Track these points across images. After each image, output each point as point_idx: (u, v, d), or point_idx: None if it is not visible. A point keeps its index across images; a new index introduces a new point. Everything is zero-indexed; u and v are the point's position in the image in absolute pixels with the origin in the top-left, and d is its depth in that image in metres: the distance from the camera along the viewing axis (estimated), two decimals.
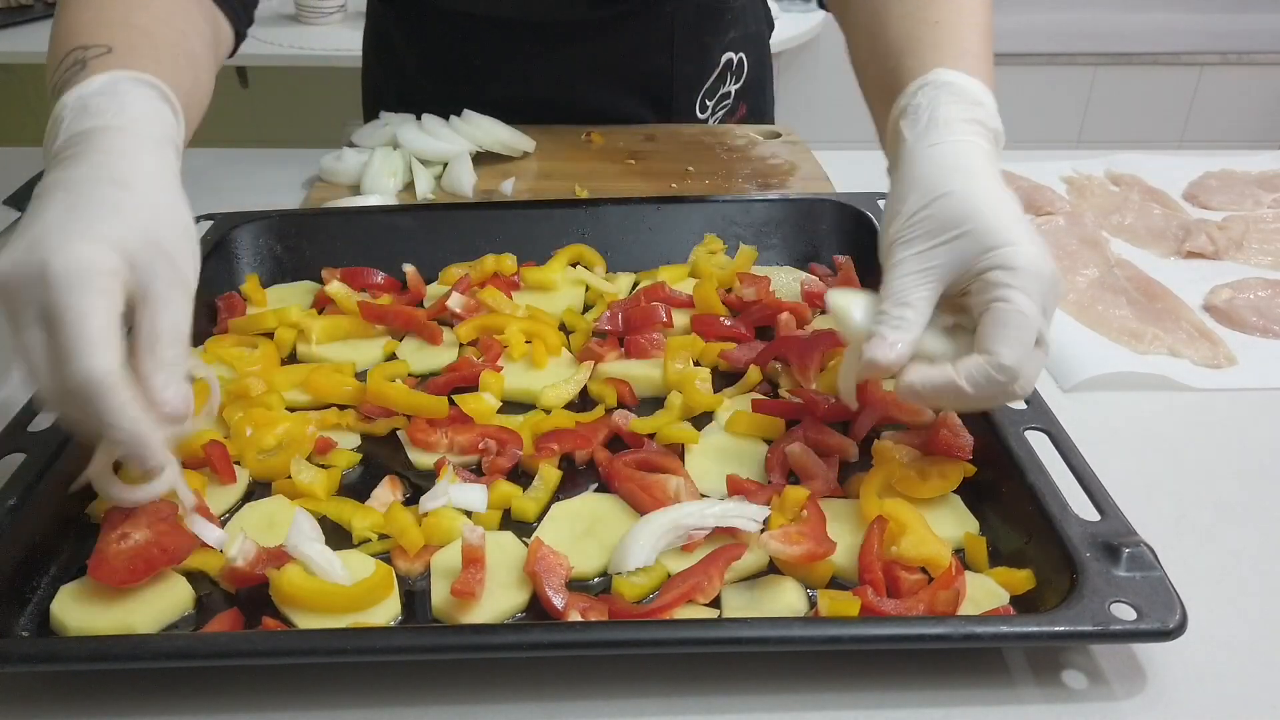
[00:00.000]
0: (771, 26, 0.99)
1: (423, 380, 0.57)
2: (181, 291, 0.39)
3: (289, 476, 0.47)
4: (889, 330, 0.42)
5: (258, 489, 0.48)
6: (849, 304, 0.45)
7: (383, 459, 0.51)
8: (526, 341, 0.58)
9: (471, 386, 0.55)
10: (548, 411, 0.53)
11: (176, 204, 0.40)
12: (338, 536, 0.45)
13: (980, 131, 0.47)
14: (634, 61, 0.86)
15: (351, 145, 0.85)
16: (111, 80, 0.42)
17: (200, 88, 0.51)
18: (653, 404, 0.54)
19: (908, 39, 0.51)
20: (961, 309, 0.43)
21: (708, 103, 0.89)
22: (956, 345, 0.43)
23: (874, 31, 0.53)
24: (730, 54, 0.86)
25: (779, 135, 0.89)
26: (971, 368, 0.41)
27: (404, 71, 0.89)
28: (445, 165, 0.81)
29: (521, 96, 0.86)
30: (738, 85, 0.91)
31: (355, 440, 0.52)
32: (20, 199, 0.80)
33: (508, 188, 0.80)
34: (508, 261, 0.65)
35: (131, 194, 0.38)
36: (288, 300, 0.63)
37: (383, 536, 0.45)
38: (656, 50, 0.85)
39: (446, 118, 0.83)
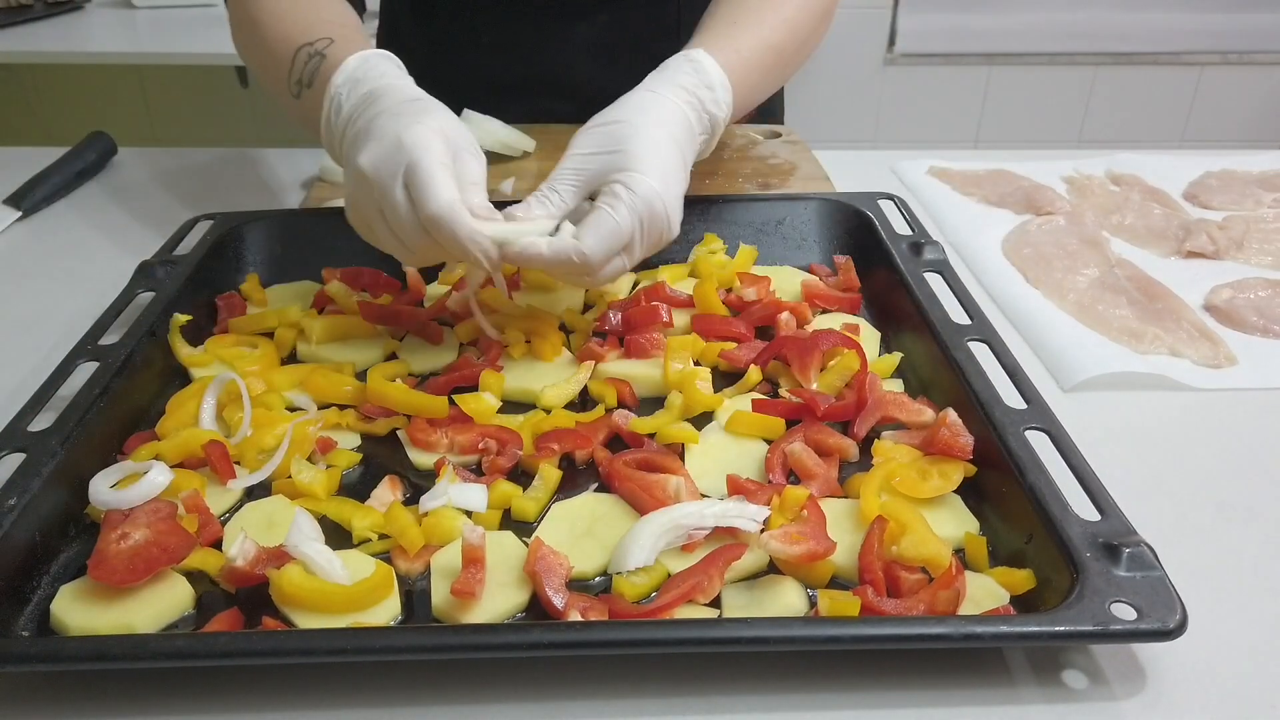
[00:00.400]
0: None
1: (423, 380, 0.57)
2: (479, 160, 0.53)
3: (289, 476, 0.47)
4: (536, 204, 0.53)
5: (258, 489, 0.48)
6: None
7: (383, 459, 0.51)
8: (526, 341, 0.58)
9: (471, 386, 0.55)
10: (548, 411, 0.53)
11: (454, 118, 0.54)
12: (338, 536, 0.45)
13: (687, 99, 0.57)
14: (639, 44, 0.86)
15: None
16: (362, 57, 0.56)
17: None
18: (653, 404, 0.54)
19: (709, 21, 0.64)
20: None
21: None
22: None
23: (707, 8, 0.67)
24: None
25: (779, 135, 0.89)
26: (559, 242, 0.50)
27: (412, 53, 0.90)
28: None
29: (526, 76, 0.87)
30: None
31: (355, 440, 0.52)
32: (20, 199, 0.80)
33: (507, 188, 0.80)
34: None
35: (429, 103, 0.53)
36: (288, 300, 0.63)
37: (383, 536, 0.45)
38: (662, 34, 0.85)
39: (454, 104, 0.84)
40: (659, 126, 0.54)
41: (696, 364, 0.56)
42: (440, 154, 0.49)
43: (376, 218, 0.51)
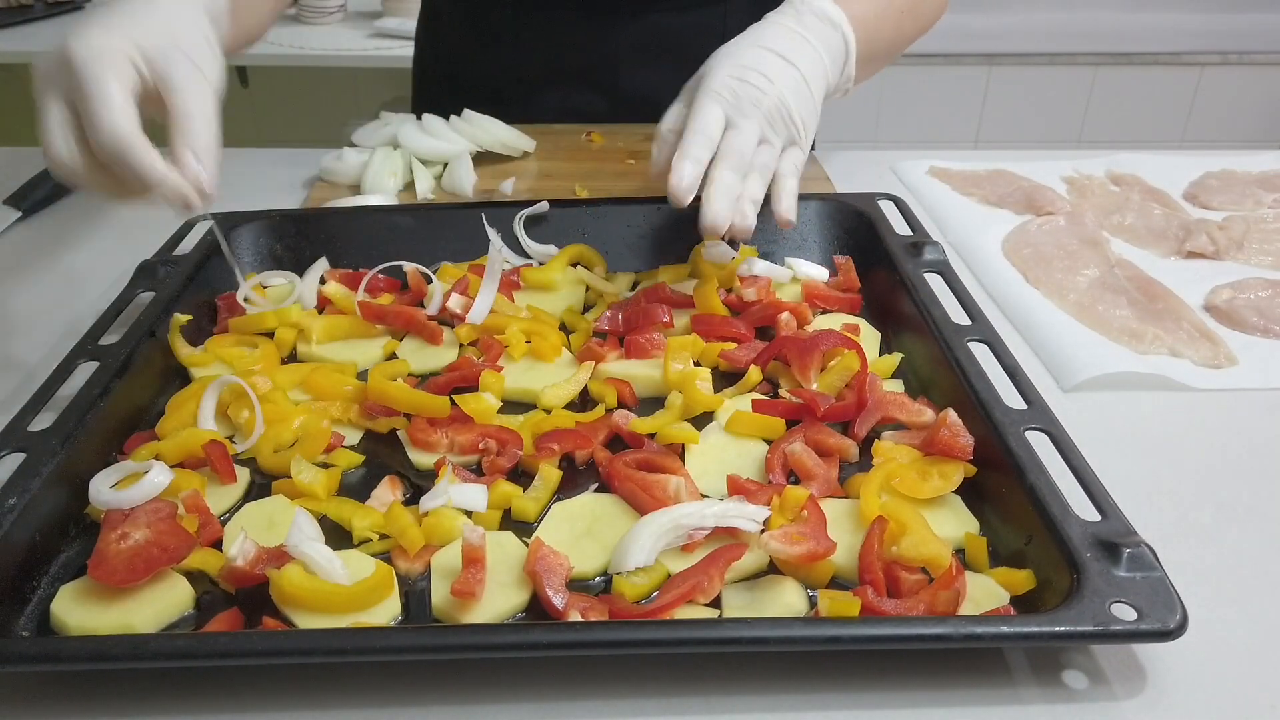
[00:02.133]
0: None
1: (423, 380, 0.57)
2: (204, 85, 0.45)
3: (289, 476, 0.47)
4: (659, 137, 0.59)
5: (257, 489, 0.48)
6: None
7: (383, 459, 0.51)
8: (526, 341, 0.58)
9: (472, 386, 0.55)
10: (548, 411, 0.53)
11: (198, 21, 0.46)
12: (338, 536, 0.45)
13: (787, 14, 0.61)
14: (683, 45, 0.84)
15: (351, 145, 0.85)
16: None
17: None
18: (653, 404, 0.54)
19: None
20: None
21: None
22: None
23: None
24: None
25: None
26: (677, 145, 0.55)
27: (451, 41, 0.89)
28: (445, 165, 0.81)
29: (563, 70, 0.86)
30: None
31: (355, 439, 0.52)
32: (20, 199, 0.80)
33: (508, 188, 0.80)
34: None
35: (153, 6, 0.45)
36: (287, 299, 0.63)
37: (383, 536, 0.45)
38: (707, 36, 0.85)
39: (488, 91, 0.84)
40: (750, 35, 0.59)
41: (696, 364, 0.56)
42: (119, 72, 0.42)
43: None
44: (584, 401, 0.55)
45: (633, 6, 0.84)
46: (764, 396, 0.54)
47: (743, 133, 0.56)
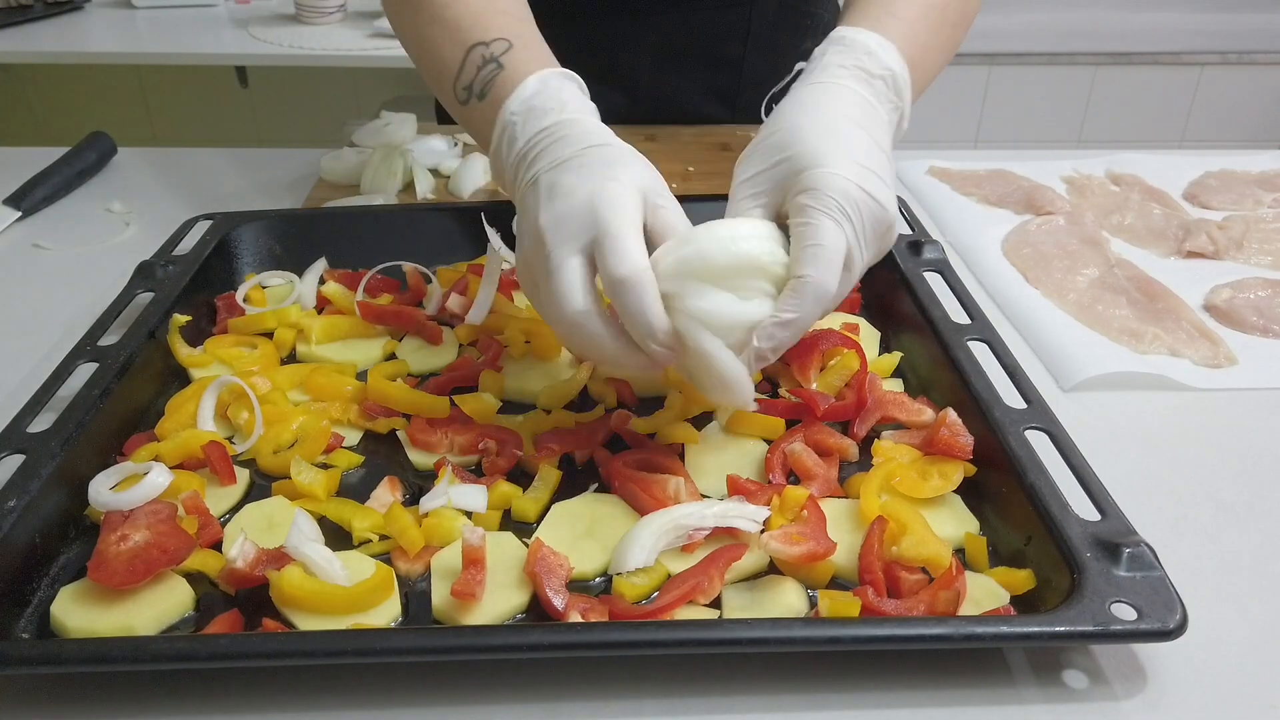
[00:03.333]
0: None
1: (422, 380, 0.57)
2: (684, 222, 0.45)
3: (289, 477, 0.47)
4: None
5: (257, 490, 0.48)
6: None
7: (382, 459, 0.51)
8: (526, 341, 0.58)
9: (471, 386, 0.55)
10: (548, 411, 0.53)
11: (648, 163, 0.47)
12: (337, 538, 0.45)
13: (855, 75, 0.48)
14: (705, 48, 0.84)
15: (352, 145, 0.85)
16: (541, 80, 0.49)
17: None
18: (653, 404, 0.54)
19: (851, 4, 0.54)
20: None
21: (774, 106, 0.89)
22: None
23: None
24: (803, 64, 0.86)
25: None
26: (785, 300, 0.42)
27: None
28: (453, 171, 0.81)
29: (584, 69, 0.86)
30: None
31: (355, 439, 0.52)
32: (20, 199, 0.80)
33: None
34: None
35: (622, 151, 0.46)
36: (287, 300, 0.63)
37: (383, 537, 0.45)
38: (730, 39, 0.83)
39: None
40: (826, 109, 0.46)
41: None
42: (635, 216, 0.42)
43: (546, 280, 0.43)
44: (584, 401, 0.55)
45: (657, 5, 0.82)
46: (764, 396, 0.54)
47: (854, 275, 0.44)
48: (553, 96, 0.48)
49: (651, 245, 0.44)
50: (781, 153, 0.44)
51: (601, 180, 0.43)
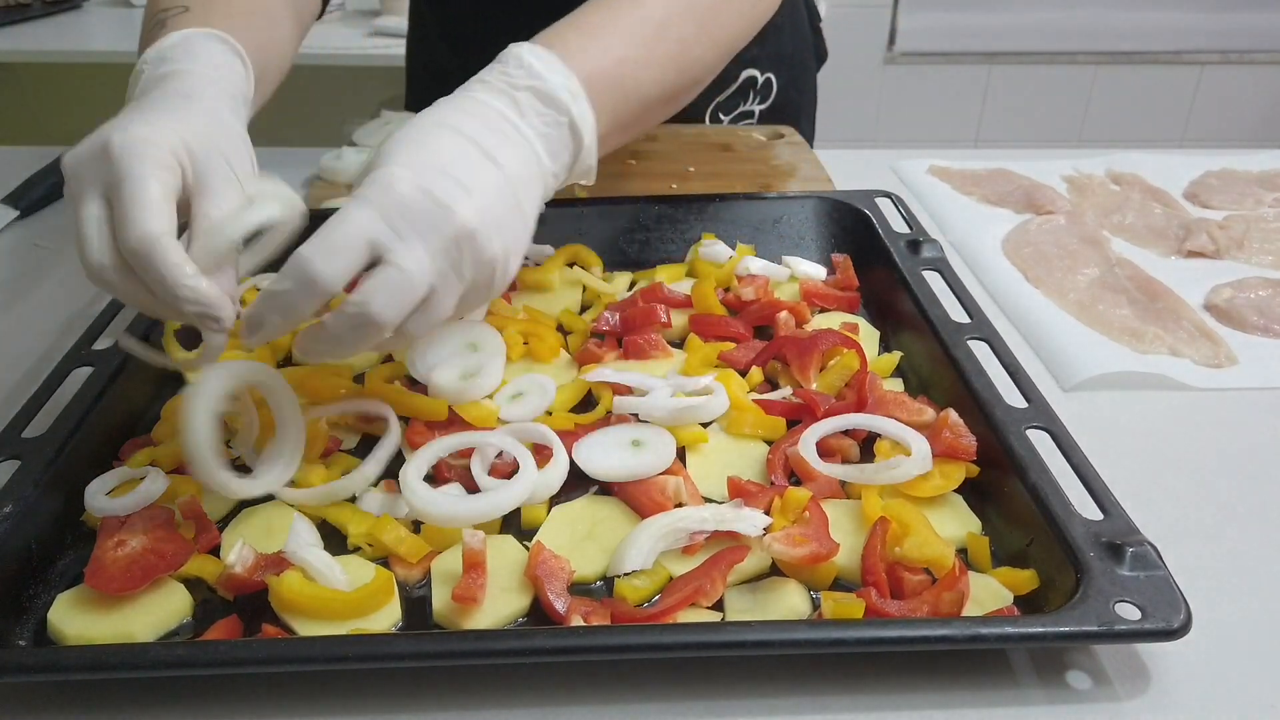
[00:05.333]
0: (821, 57, 0.95)
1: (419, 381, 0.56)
2: (236, 192, 0.41)
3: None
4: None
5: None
6: None
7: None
8: (525, 343, 0.58)
9: None
10: (549, 413, 0.53)
11: (236, 122, 0.43)
12: (336, 542, 0.45)
13: (492, 88, 0.44)
14: None
15: (351, 144, 0.84)
16: (185, 36, 0.46)
17: (276, 45, 0.53)
18: None
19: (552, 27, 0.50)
20: None
21: (722, 117, 0.85)
22: None
23: None
24: (753, 71, 0.80)
25: (782, 136, 0.89)
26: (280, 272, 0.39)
27: (439, 51, 0.87)
28: None
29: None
30: (763, 106, 0.88)
31: (353, 443, 0.52)
32: (18, 198, 0.80)
33: None
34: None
35: (193, 102, 0.42)
36: None
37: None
38: None
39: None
40: (423, 122, 0.42)
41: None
42: (160, 170, 0.38)
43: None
44: (584, 402, 0.55)
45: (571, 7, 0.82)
46: (764, 397, 0.54)
47: (398, 277, 0.39)
48: (188, 51, 0.45)
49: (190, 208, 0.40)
50: (366, 165, 0.42)
51: (136, 123, 0.39)
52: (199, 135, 0.40)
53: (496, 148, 0.42)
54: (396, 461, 0.50)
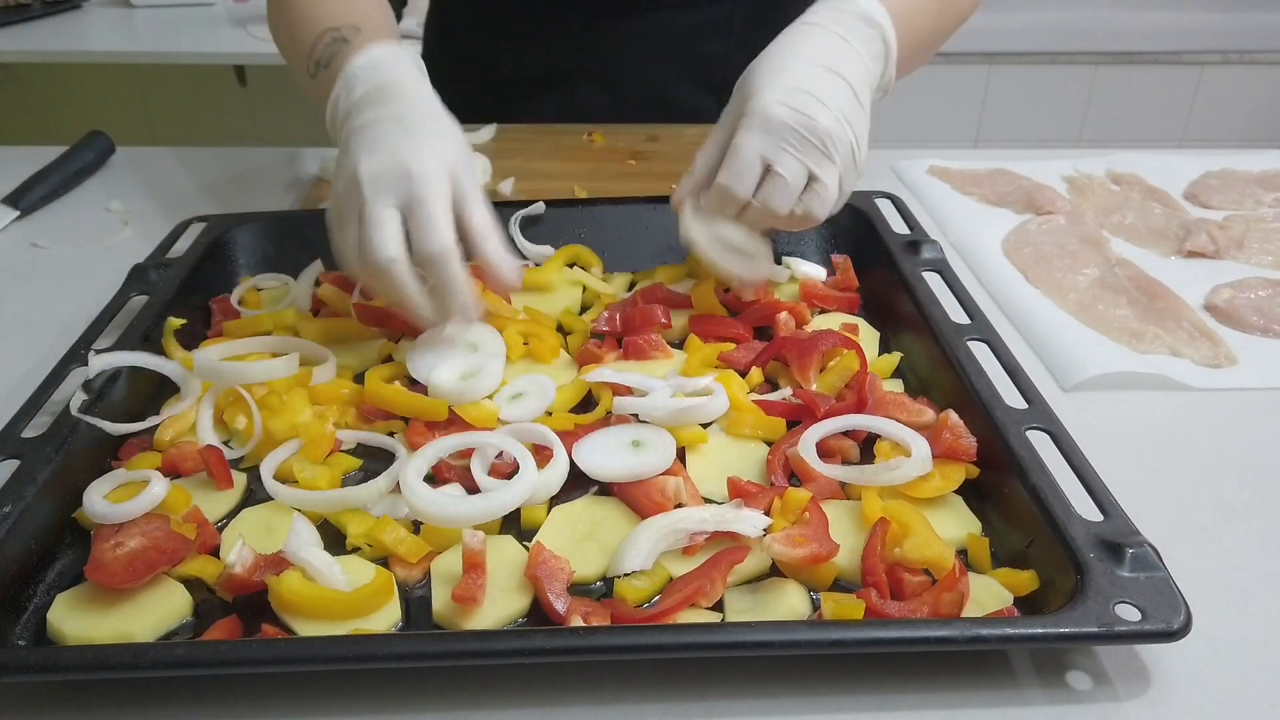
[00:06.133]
0: None
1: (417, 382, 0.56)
2: (483, 196, 0.52)
3: (295, 481, 0.47)
4: (686, 176, 0.56)
5: (254, 495, 0.48)
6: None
7: (381, 462, 0.50)
8: (525, 343, 0.58)
9: None
10: (549, 413, 0.53)
11: (462, 136, 0.54)
12: (336, 543, 0.45)
13: (832, 16, 0.55)
14: (690, 44, 0.85)
15: None
16: (387, 49, 0.55)
17: None
18: None
19: None
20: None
21: None
22: None
23: None
24: None
25: None
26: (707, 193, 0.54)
27: (457, 36, 0.89)
28: None
29: (570, 68, 0.85)
30: None
31: (353, 443, 0.52)
32: (18, 198, 0.80)
33: (506, 188, 0.80)
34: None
35: (443, 125, 0.52)
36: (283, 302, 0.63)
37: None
38: (712, 36, 0.84)
39: (496, 93, 0.83)
40: (782, 49, 0.53)
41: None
42: (446, 193, 0.49)
43: (355, 225, 0.50)
44: (584, 402, 0.55)
45: (639, 4, 0.83)
46: (764, 397, 0.54)
47: (784, 180, 0.52)
48: (394, 63, 0.54)
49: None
50: (738, 92, 0.54)
51: (421, 149, 0.49)
52: (457, 156, 0.51)
53: (838, 64, 0.54)
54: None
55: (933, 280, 0.60)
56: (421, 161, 0.49)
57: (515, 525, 0.46)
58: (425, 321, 0.52)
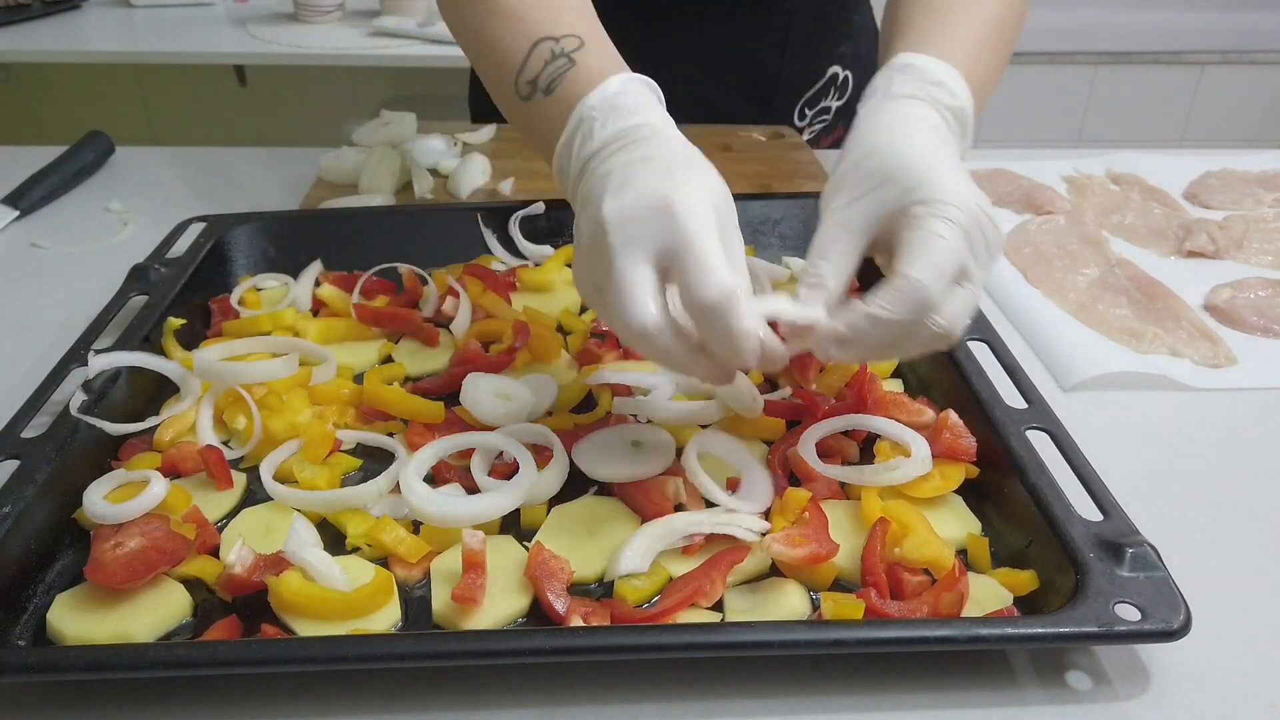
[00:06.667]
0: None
1: (418, 380, 0.56)
2: (738, 230, 0.43)
3: (295, 481, 0.47)
4: (804, 288, 0.42)
5: (253, 495, 0.48)
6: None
7: (381, 463, 0.50)
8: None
9: None
10: (549, 412, 0.53)
11: (720, 179, 0.44)
12: (336, 543, 0.45)
13: (929, 104, 0.46)
14: (742, 53, 0.84)
15: (351, 145, 0.84)
16: (624, 81, 0.46)
17: None
18: None
19: (905, 24, 0.52)
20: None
21: (807, 111, 0.87)
22: None
23: (890, 16, 0.55)
24: (838, 68, 0.83)
25: (782, 136, 0.89)
26: (880, 294, 0.40)
27: None
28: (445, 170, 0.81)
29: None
30: (840, 103, 0.89)
31: (353, 443, 0.52)
32: (18, 198, 0.80)
33: (507, 188, 0.80)
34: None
35: (695, 160, 0.43)
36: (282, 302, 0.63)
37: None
38: (767, 46, 0.83)
39: None
40: (917, 134, 0.44)
41: None
42: (714, 230, 0.40)
43: (607, 285, 0.40)
44: (584, 402, 0.55)
45: (695, 11, 0.82)
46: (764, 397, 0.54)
47: (972, 297, 0.41)
48: (635, 98, 0.45)
49: None
50: (880, 177, 0.42)
51: (681, 183, 0.40)
52: (719, 194, 0.42)
53: (955, 152, 0.46)
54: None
55: None
56: (686, 197, 0.40)
57: (515, 525, 0.46)
58: (713, 378, 0.42)
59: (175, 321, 0.58)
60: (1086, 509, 0.42)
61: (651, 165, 0.42)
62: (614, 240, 0.40)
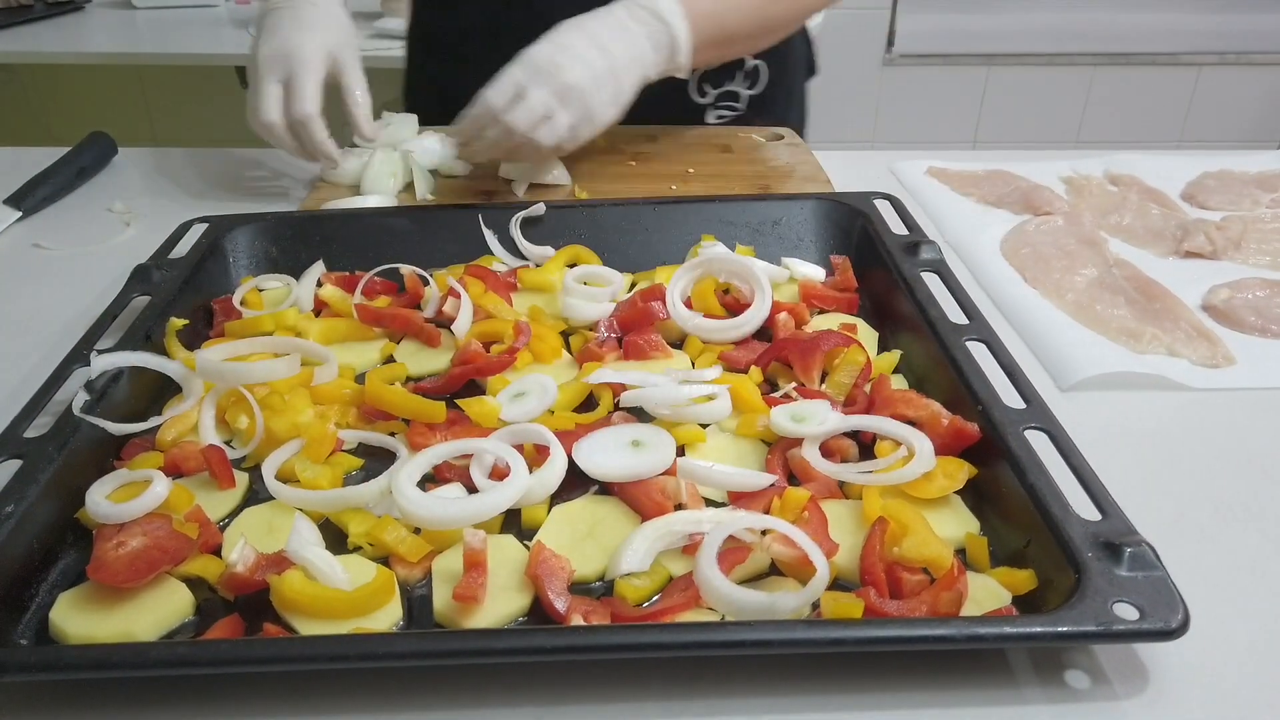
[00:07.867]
0: (812, 69, 0.99)
1: (419, 380, 0.56)
2: (360, 69, 0.74)
3: (297, 481, 0.47)
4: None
5: (256, 494, 0.48)
6: None
7: (382, 462, 0.51)
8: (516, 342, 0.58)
9: (470, 389, 0.54)
10: (550, 412, 0.53)
11: (350, 24, 0.74)
12: (337, 542, 0.45)
13: (628, 8, 0.69)
14: None
15: (352, 145, 0.85)
16: None
17: None
18: None
19: None
20: None
21: (708, 89, 0.90)
22: None
23: None
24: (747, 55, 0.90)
25: (781, 137, 0.89)
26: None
27: (438, 61, 0.95)
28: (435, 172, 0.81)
29: None
30: (751, 91, 0.90)
31: (354, 443, 0.52)
32: (20, 199, 0.80)
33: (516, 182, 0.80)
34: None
35: (326, 19, 0.72)
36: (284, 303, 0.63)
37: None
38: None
39: (475, 88, 0.87)
40: (574, 22, 0.67)
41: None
42: (315, 75, 0.68)
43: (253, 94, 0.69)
44: (585, 402, 0.55)
45: None
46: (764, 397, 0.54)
47: (526, 106, 0.66)
48: None
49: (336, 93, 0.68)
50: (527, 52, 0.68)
51: (299, 35, 0.69)
52: (337, 41, 0.71)
53: (609, 42, 0.68)
54: None
55: (931, 281, 0.60)
56: (298, 46, 0.68)
57: (516, 524, 0.46)
58: (303, 157, 0.73)
59: (177, 322, 0.58)
60: (1085, 509, 0.42)
61: (287, 21, 0.70)
62: (260, 70, 0.70)
